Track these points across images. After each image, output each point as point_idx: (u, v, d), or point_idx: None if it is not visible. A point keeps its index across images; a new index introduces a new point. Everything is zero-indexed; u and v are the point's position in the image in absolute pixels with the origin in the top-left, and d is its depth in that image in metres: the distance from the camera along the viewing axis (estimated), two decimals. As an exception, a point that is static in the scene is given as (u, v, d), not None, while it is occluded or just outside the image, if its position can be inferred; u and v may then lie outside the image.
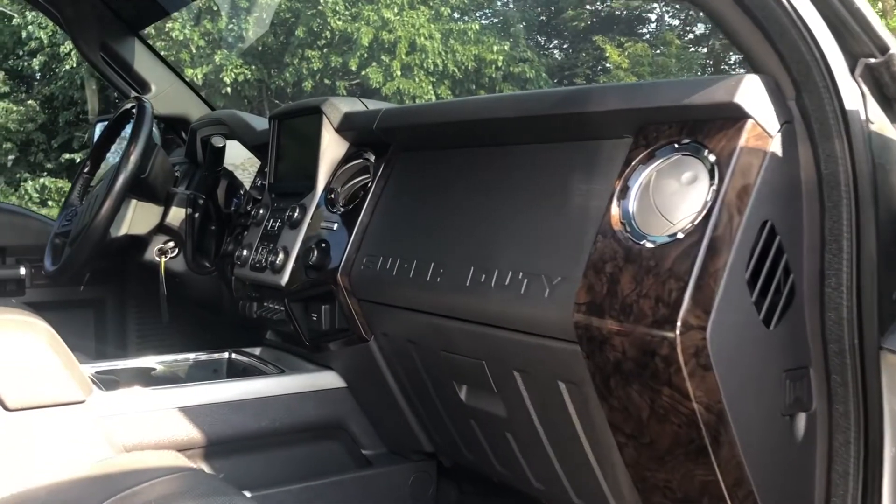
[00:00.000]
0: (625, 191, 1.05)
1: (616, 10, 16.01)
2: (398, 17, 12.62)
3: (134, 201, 2.05)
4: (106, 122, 2.27)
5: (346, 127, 1.66)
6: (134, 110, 2.03)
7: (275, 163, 1.87)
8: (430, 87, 12.85)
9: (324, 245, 1.58)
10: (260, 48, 13.73)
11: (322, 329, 1.60)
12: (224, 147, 2.02)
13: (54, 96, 13.11)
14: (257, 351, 1.90)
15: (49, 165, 12.89)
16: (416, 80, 12.76)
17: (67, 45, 11.85)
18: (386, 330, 1.51)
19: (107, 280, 2.51)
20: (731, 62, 15.93)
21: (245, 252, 1.81)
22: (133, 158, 1.86)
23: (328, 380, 1.67)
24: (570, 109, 1.15)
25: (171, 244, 2.12)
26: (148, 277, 2.40)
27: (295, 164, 1.82)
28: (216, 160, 2.05)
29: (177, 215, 2.12)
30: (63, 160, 12.56)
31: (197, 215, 2.14)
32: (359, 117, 1.63)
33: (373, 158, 1.60)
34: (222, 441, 1.54)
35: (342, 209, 1.61)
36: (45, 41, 12.26)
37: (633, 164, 1.06)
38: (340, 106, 1.68)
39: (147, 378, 1.75)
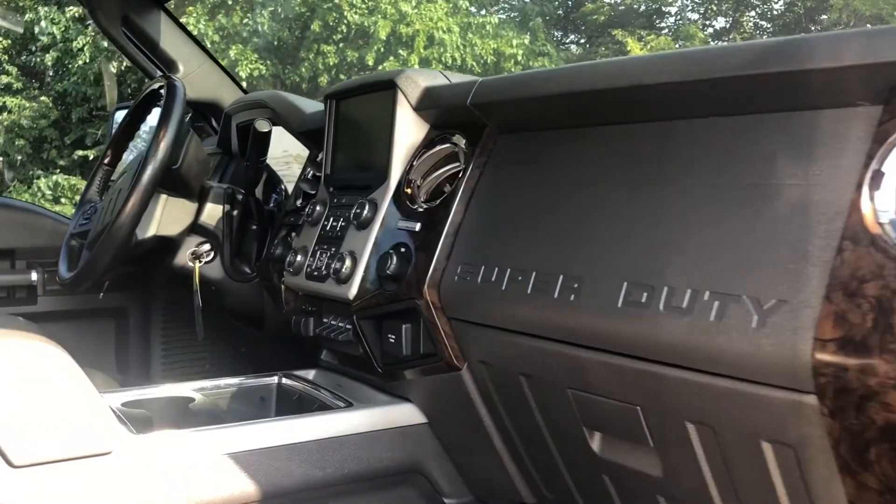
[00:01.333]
0: (878, 178, 0.74)
1: (634, 4, 15.72)
2: (416, 11, 12.38)
3: (164, 196, 1.75)
4: (127, 110, 1.97)
5: (428, 104, 1.35)
6: (162, 91, 1.73)
7: (332, 150, 1.57)
8: (449, 82, 12.57)
9: (403, 250, 1.27)
10: (275, 43, 13.52)
11: (401, 354, 1.29)
12: (270, 133, 1.72)
13: (67, 92, 12.88)
14: (311, 374, 1.60)
15: (62, 162, 12.67)
16: (434, 74, 12.47)
17: (80, 41, 11.61)
18: (485, 357, 1.20)
19: (129, 286, 2.21)
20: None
21: (299, 257, 1.51)
22: (163, 145, 1.56)
23: (405, 414, 1.37)
24: (779, 68, 0.84)
25: (207, 246, 1.82)
26: (177, 284, 2.10)
27: (360, 152, 1.51)
28: (260, 149, 1.75)
29: (213, 213, 1.82)
30: (76, 157, 12.32)
31: (236, 213, 1.84)
32: (445, 92, 1.32)
33: (463, 143, 1.29)
34: (279, 494, 1.24)
35: (425, 206, 1.30)
36: (59, 36, 12.02)
37: (889, 141, 0.75)
38: (419, 79, 1.37)
39: (184, 412, 1.44)
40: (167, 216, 1.74)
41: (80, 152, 12.26)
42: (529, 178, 1.17)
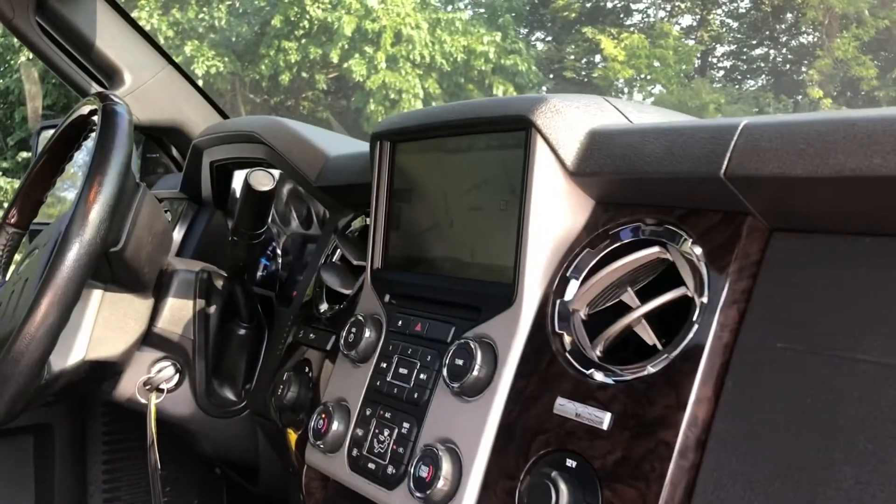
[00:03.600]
0: None
1: (601, 2, 15.31)
2: (382, 6, 11.87)
3: (98, 293, 1.08)
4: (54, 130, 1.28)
5: (600, 166, 0.70)
6: (95, 118, 1.06)
7: (385, 228, 0.91)
8: (417, 81, 12.09)
9: (581, 472, 0.63)
10: (233, 39, 12.87)
11: None
12: (273, 193, 1.04)
13: (9, 90, 12.06)
14: None
15: (5, 165, 11.85)
16: (403, 72, 11.98)
17: (22, 35, 10.81)
18: None
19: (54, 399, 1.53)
20: (719, 54, 15.25)
21: (336, 425, 0.85)
22: (94, 216, 0.89)
23: None
24: None
25: (168, 370, 1.15)
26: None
27: (447, 238, 0.85)
28: (257, 215, 1.07)
29: (177, 315, 1.15)
30: (20, 159, 11.52)
31: (213, 310, 1.17)
32: (637, 142, 0.67)
33: (698, 249, 0.64)
34: None
35: (618, 373, 0.65)
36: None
37: None
38: (572, 116, 0.72)
39: None
40: (104, 326, 1.07)
41: (25, 154, 11.48)
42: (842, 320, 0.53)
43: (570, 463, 0.64)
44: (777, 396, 0.56)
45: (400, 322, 0.86)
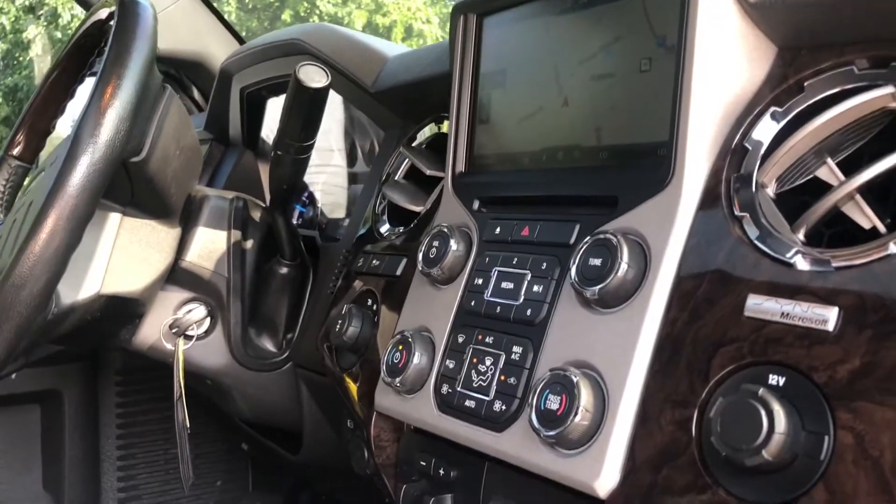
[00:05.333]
0: None
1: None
2: (393, 0, 11.88)
3: (115, 216, 0.90)
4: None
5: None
6: (112, 22, 0.88)
7: (469, 126, 0.74)
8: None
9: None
10: (244, 34, 12.78)
11: None
12: (327, 91, 0.86)
13: (18, 87, 11.96)
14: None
15: (13, 162, 11.76)
16: (414, 68, 11.96)
17: (31, 31, 10.77)
18: None
19: (62, 357, 1.36)
20: None
21: (417, 358, 0.67)
22: (112, 115, 0.72)
23: None
24: None
25: (198, 311, 0.97)
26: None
27: (564, 120, 0.67)
28: (308, 120, 0.88)
29: (209, 248, 0.97)
30: (27, 156, 11.43)
31: (251, 245, 1.00)
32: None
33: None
34: None
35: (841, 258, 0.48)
36: (8, 27, 11.10)
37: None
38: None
39: None
40: (122, 256, 0.89)
41: (32, 151, 11.41)
42: None
43: (775, 380, 0.46)
44: None
45: (498, 229, 0.68)
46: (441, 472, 0.67)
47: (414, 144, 0.91)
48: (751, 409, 0.44)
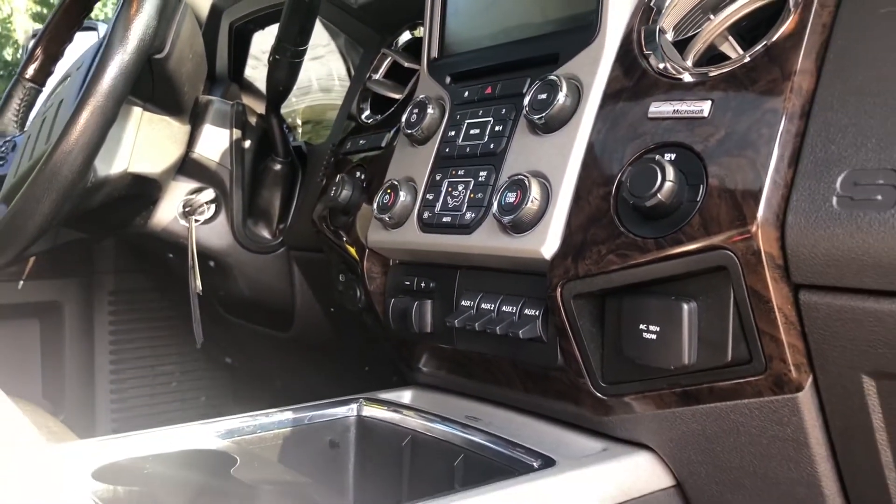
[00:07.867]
0: None
1: None
2: None
3: (138, 111, 1.07)
4: None
5: None
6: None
7: (441, 16, 0.92)
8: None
9: (673, 157, 0.65)
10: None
11: (672, 360, 0.65)
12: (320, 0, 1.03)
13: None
14: (406, 397, 0.94)
15: None
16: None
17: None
18: (868, 362, 0.58)
19: (62, 271, 1.50)
20: None
21: (402, 195, 0.85)
22: (143, 16, 0.88)
23: (643, 471, 0.73)
24: None
25: (206, 194, 1.14)
26: (131, 267, 1.43)
27: (517, 2, 0.86)
28: (304, 28, 1.05)
29: (214, 144, 1.14)
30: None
31: (249, 144, 1.17)
32: None
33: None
34: None
35: (711, 71, 0.67)
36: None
37: None
38: None
39: (226, 486, 0.76)
40: (145, 143, 1.06)
41: None
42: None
43: (669, 156, 0.65)
44: (885, 54, 0.58)
45: (466, 93, 0.86)
46: (422, 285, 0.85)
47: (395, 46, 1.09)
48: (650, 168, 0.63)
